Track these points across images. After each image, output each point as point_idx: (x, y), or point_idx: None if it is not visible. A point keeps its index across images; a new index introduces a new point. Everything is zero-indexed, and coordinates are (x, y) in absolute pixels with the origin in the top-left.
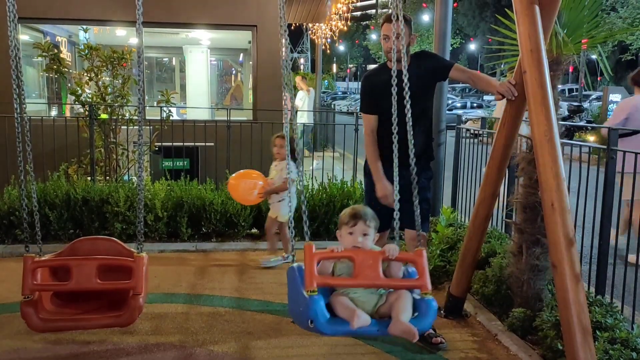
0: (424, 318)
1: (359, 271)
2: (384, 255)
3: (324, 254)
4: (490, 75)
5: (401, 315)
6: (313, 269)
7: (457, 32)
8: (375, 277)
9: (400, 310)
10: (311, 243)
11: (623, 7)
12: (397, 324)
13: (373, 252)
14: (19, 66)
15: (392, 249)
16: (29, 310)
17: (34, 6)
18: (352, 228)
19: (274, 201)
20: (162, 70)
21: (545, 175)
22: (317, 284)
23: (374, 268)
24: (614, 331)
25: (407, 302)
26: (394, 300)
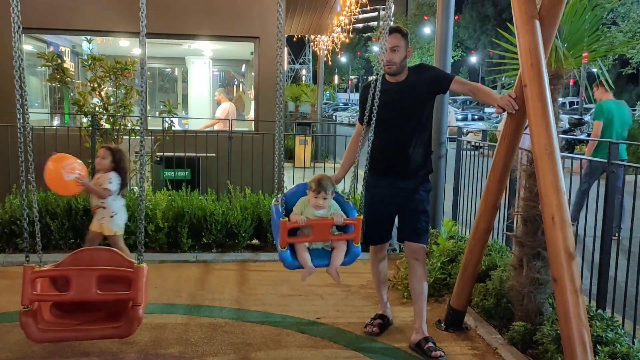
0: (350, 256)
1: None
2: (333, 221)
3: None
4: (491, 89)
5: (335, 261)
6: (285, 234)
7: (458, 44)
8: (326, 236)
9: (336, 258)
10: (286, 219)
11: (624, 21)
12: (330, 269)
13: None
14: (22, 76)
15: (339, 217)
16: (28, 321)
17: (38, 17)
18: (317, 195)
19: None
20: (165, 80)
21: (546, 188)
22: (287, 242)
23: (326, 230)
24: (614, 346)
25: (341, 253)
26: (335, 247)
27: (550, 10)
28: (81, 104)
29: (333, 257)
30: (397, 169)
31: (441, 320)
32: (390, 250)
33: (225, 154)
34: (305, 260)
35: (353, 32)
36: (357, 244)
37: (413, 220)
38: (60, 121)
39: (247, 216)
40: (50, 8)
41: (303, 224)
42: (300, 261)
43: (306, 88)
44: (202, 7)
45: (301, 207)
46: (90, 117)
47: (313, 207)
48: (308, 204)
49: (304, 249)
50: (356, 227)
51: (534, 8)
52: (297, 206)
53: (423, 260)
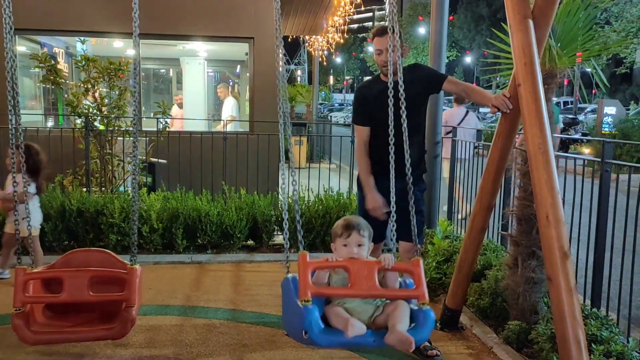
0: (422, 328)
1: (354, 281)
2: (380, 265)
3: (319, 263)
4: (486, 89)
5: (398, 325)
6: (307, 278)
7: (453, 44)
8: (371, 287)
9: (397, 320)
10: (305, 252)
11: (617, 20)
12: (394, 333)
13: (369, 262)
14: (15, 77)
15: (389, 259)
16: (20, 323)
17: (31, 17)
18: (347, 240)
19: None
20: (159, 81)
21: (540, 187)
22: (312, 293)
23: (370, 278)
24: (609, 344)
25: (404, 312)
26: (391, 311)
27: (544, 9)
28: (75, 105)
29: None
30: (393, 169)
31: (437, 320)
32: (386, 251)
33: (220, 155)
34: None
35: (348, 32)
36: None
37: (408, 220)
38: (54, 122)
39: (242, 217)
40: (44, 9)
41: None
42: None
43: (301, 88)
44: (196, 8)
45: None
46: (84, 118)
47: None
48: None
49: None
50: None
51: (527, 8)
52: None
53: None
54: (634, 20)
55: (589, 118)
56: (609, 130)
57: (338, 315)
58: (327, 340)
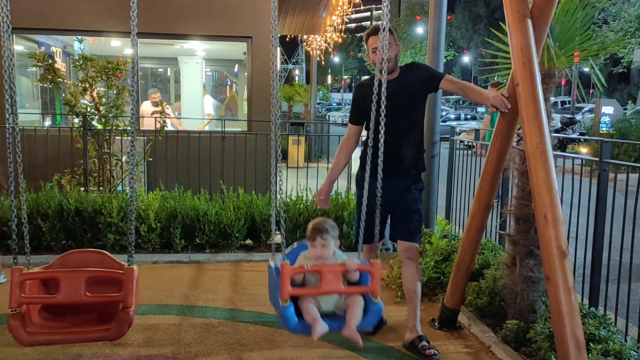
0: (370, 317)
1: (323, 282)
2: (344, 268)
3: (296, 270)
4: (483, 88)
5: (352, 320)
6: (286, 284)
7: (451, 44)
8: (336, 286)
9: (352, 316)
10: (287, 262)
11: (615, 20)
12: (347, 329)
13: (335, 266)
14: (12, 76)
15: (352, 263)
16: (16, 324)
17: (28, 17)
18: (313, 243)
19: None
20: (157, 80)
21: (538, 187)
22: (290, 294)
23: (336, 278)
24: (607, 343)
25: (359, 309)
26: (350, 304)
27: (542, 9)
28: (73, 105)
29: (349, 315)
30: (389, 168)
31: (435, 319)
32: (384, 250)
33: (218, 154)
34: (315, 315)
35: (346, 32)
36: (376, 298)
37: (406, 220)
38: (51, 122)
39: (240, 216)
40: (41, 8)
41: (308, 269)
42: (308, 319)
43: (299, 88)
44: (194, 7)
45: (302, 261)
46: (81, 118)
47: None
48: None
49: (312, 306)
50: (373, 275)
51: (525, 7)
52: (297, 261)
53: (416, 260)
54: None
55: (586, 117)
56: (606, 130)
57: (309, 313)
58: (299, 331)
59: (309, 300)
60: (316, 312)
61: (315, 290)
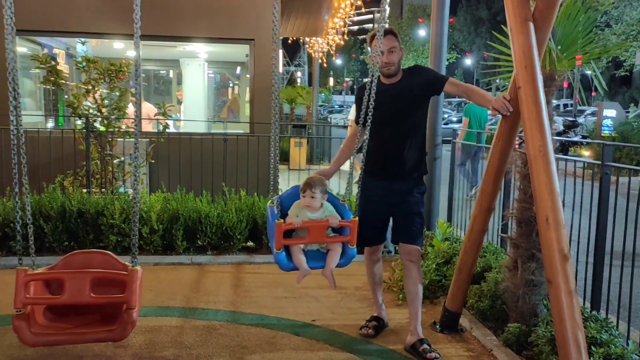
0: (345, 260)
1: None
2: (327, 224)
3: (288, 226)
4: (486, 91)
5: (330, 264)
6: (281, 236)
7: (453, 47)
8: (320, 239)
9: (331, 260)
10: (281, 220)
11: (617, 23)
12: (326, 270)
13: (320, 222)
14: (16, 78)
15: (334, 220)
16: (20, 324)
17: (32, 19)
18: (304, 194)
19: None
20: (160, 82)
21: (540, 190)
22: (282, 244)
23: (321, 232)
24: (609, 347)
25: (337, 253)
26: (330, 248)
27: (544, 12)
28: (75, 106)
29: (328, 259)
30: (391, 171)
31: (436, 322)
32: (386, 252)
33: (220, 156)
34: (301, 262)
35: (348, 34)
36: (352, 246)
37: (407, 222)
38: (54, 123)
39: (242, 218)
40: (45, 10)
41: (298, 225)
42: (296, 263)
43: (301, 90)
44: (196, 9)
45: (296, 210)
46: (84, 120)
47: (305, 208)
48: (302, 207)
49: (300, 251)
50: (352, 229)
51: (528, 10)
52: (292, 209)
53: (418, 262)
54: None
55: (588, 121)
56: (608, 133)
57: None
58: (289, 270)
59: (297, 246)
60: (302, 258)
61: (302, 241)
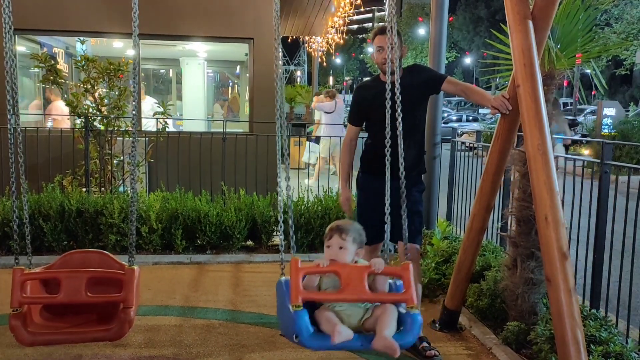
0: (409, 332)
1: (344, 285)
2: (370, 269)
3: (310, 268)
4: (485, 89)
5: (385, 330)
6: (298, 283)
7: (452, 46)
8: (360, 291)
9: (384, 325)
10: (297, 257)
11: (617, 22)
12: (380, 339)
13: (359, 267)
14: (14, 77)
15: (378, 263)
16: (17, 324)
17: (31, 18)
18: (329, 241)
19: None
20: (159, 81)
21: (539, 188)
22: (302, 298)
23: (360, 282)
24: (608, 345)
25: (392, 317)
26: (379, 315)
27: (543, 10)
28: (74, 105)
29: (380, 325)
30: (390, 169)
31: (436, 321)
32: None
33: (219, 155)
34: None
35: (347, 33)
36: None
37: (406, 221)
38: (53, 122)
39: (241, 217)
40: (43, 9)
41: (325, 268)
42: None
43: (301, 89)
44: (196, 8)
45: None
46: (83, 118)
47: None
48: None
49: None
50: (406, 279)
51: (527, 9)
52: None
53: (417, 261)
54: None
55: (588, 119)
56: (608, 132)
57: (327, 320)
58: (316, 344)
59: (327, 309)
60: (336, 318)
61: (335, 295)
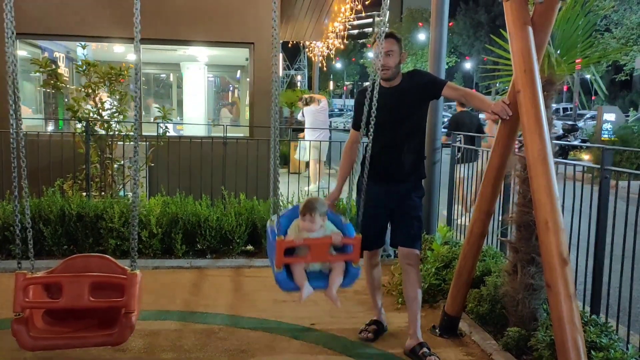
0: (349, 279)
1: (312, 253)
2: (330, 241)
3: (289, 243)
4: (485, 95)
5: (333, 284)
6: (281, 255)
7: (452, 51)
8: (323, 257)
9: (334, 280)
10: (282, 237)
11: (617, 27)
12: (329, 290)
13: (323, 239)
14: (16, 82)
15: (337, 238)
16: (19, 328)
17: (32, 22)
18: (303, 217)
19: None
20: (160, 86)
21: (539, 194)
22: (283, 263)
23: (323, 250)
24: (608, 351)
25: (340, 273)
26: (333, 268)
27: (543, 16)
28: (75, 110)
29: (331, 278)
30: (390, 174)
31: (436, 326)
32: (385, 256)
33: (219, 160)
34: (302, 281)
35: (348, 38)
36: (356, 265)
37: (406, 226)
38: (54, 127)
39: (241, 222)
40: (45, 14)
41: (300, 243)
42: (297, 282)
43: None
44: (196, 13)
45: (295, 230)
46: (84, 123)
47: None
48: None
49: (301, 270)
50: (355, 246)
51: (526, 14)
52: (290, 229)
53: (416, 266)
54: (633, 28)
55: (588, 124)
56: (608, 137)
57: (298, 276)
58: (291, 290)
59: (299, 264)
60: (304, 277)
61: (304, 259)
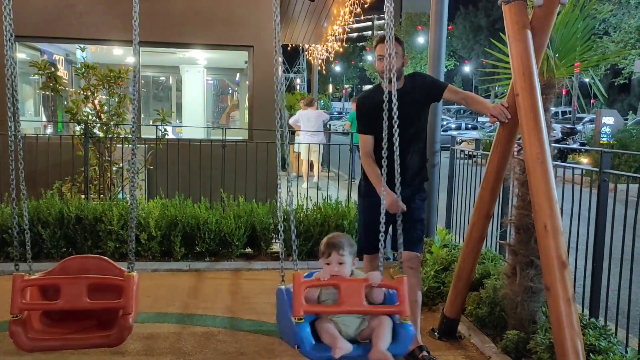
0: (402, 343)
1: (343, 298)
2: (367, 282)
3: (311, 282)
4: (484, 97)
5: (380, 343)
6: (301, 297)
7: (452, 54)
8: (358, 304)
9: (380, 337)
10: (300, 272)
11: (616, 31)
12: (376, 352)
13: (357, 280)
14: (15, 84)
15: (375, 277)
16: (17, 330)
17: (31, 25)
18: (328, 259)
19: None
20: (159, 89)
21: (538, 197)
22: (304, 311)
23: (358, 295)
24: (607, 354)
25: (387, 329)
26: (375, 326)
27: (542, 20)
28: (74, 112)
29: (376, 337)
30: (393, 177)
31: (435, 329)
32: (384, 259)
33: (219, 162)
34: (335, 334)
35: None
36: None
37: (409, 229)
38: (53, 129)
39: (240, 225)
40: (44, 16)
41: (326, 282)
42: (327, 339)
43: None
44: (196, 16)
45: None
46: (83, 125)
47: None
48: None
49: (329, 322)
50: (400, 292)
51: (525, 18)
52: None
53: (417, 269)
54: (632, 31)
55: (587, 128)
56: (607, 140)
57: (327, 332)
58: (317, 355)
59: (326, 321)
60: (336, 331)
61: (334, 308)
